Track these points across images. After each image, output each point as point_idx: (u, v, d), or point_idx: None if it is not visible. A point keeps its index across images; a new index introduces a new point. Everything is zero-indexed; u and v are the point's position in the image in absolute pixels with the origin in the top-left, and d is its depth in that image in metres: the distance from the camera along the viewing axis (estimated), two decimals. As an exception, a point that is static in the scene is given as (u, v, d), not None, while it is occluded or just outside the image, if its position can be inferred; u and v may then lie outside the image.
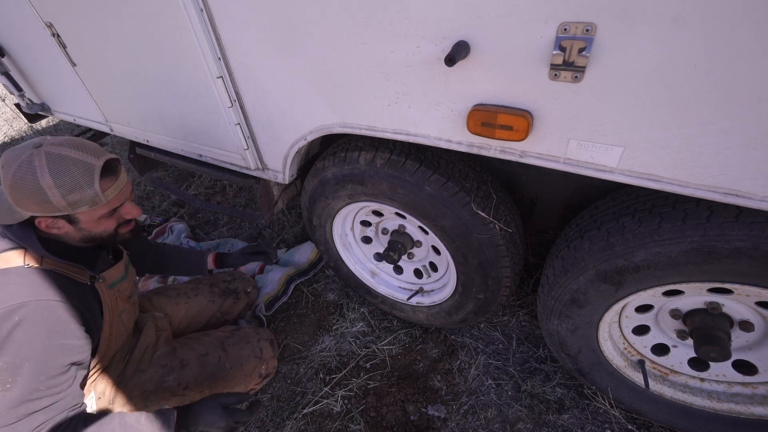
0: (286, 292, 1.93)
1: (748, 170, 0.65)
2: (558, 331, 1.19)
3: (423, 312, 1.58)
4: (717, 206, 0.80)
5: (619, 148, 0.73)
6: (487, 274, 1.23)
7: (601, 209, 1.03)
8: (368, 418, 1.47)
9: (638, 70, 0.64)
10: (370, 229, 1.56)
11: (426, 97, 0.86)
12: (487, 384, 1.50)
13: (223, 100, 1.19)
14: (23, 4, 1.52)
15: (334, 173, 1.28)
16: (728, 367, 1.10)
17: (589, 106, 0.71)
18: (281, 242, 2.29)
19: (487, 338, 1.64)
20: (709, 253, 0.80)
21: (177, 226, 2.43)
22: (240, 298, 1.75)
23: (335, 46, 0.90)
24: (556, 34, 0.65)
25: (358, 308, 1.83)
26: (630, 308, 1.10)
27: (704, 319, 1.00)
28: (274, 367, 1.56)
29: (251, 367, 1.46)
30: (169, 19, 1.09)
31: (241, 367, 1.44)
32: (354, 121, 1.02)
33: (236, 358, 1.45)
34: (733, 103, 0.60)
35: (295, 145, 1.21)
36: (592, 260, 0.97)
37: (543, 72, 0.71)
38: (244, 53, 1.07)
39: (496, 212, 1.15)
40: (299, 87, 1.05)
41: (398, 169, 1.14)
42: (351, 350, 1.69)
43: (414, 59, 0.82)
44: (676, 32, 0.58)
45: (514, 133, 0.79)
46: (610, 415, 1.35)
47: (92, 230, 1.08)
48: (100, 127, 1.95)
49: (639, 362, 1.21)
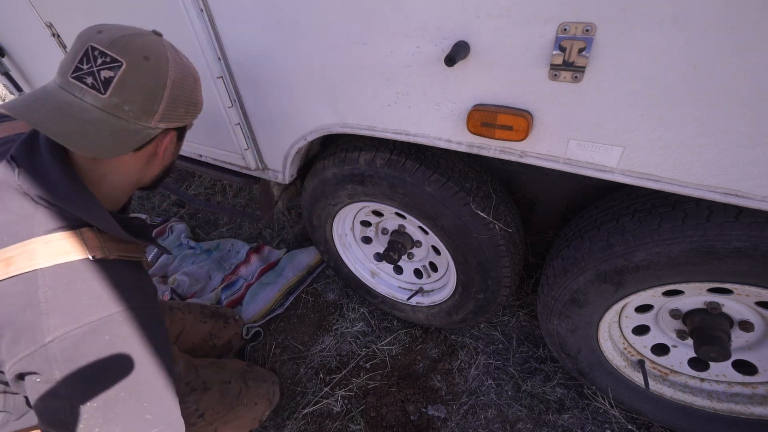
0: (283, 305, 1.89)
1: (748, 170, 0.65)
2: (558, 331, 1.19)
3: (423, 312, 1.58)
4: (717, 206, 0.80)
5: (618, 148, 0.73)
6: (487, 274, 1.23)
7: (601, 209, 1.03)
8: (368, 418, 1.47)
9: (638, 70, 0.64)
10: (370, 229, 1.56)
11: (426, 97, 0.87)
12: (487, 384, 1.50)
13: (224, 100, 1.19)
14: (23, 4, 1.52)
15: (334, 173, 1.28)
16: (728, 367, 1.10)
17: (589, 106, 0.71)
18: (281, 242, 2.29)
19: (487, 338, 1.64)
20: (709, 253, 0.80)
21: (177, 226, 2.43)
22: (229, 323, 1.66)
23: (335, 47, 0.90)
24: (556, 34, 0.65)
25: (358, 308, 1.83)
26: (630, 308, 1.10)
27: (704, 319, 1.01)
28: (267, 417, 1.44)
29: (260, 410, 1.35)
30: (169, 19, 1.09)
31: (254, 407, 1.32)
32: (354, 121, 1.02)
33: (254, 395, 1.33)
34: (733, 103, 0.60)
35: (295, 145, 1.21)
36: (592, 260, 0.97)
37: (543, 72, 0.71)
38: (244, 53, 1.07)
39: (495, 212, 1.15)
40: (299, 87, 1.05)
41: (398, 169, 1.14)
42: (351, 350, 1.69)
43: (414, 59, 0.82)
44: (676, 32, 0.58)
45: (514, 133, 0.79)
46: (610, 415, 1.35)
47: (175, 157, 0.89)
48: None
49: (639, 362, 1.21)
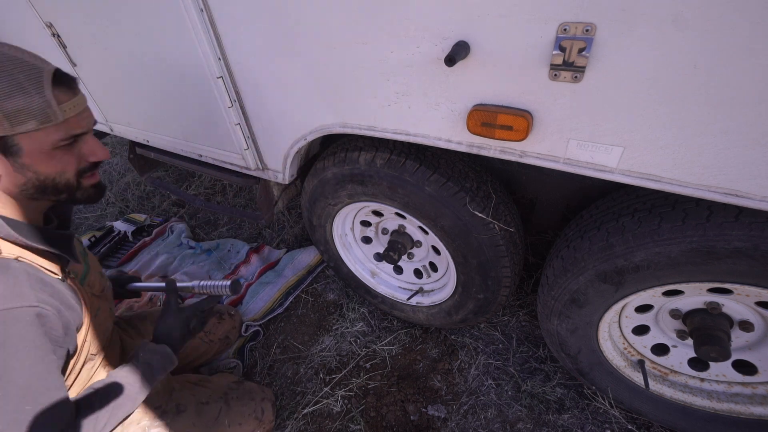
0: (282, 305, 1.90)
1: (748, 170, 0.65)
2: (558, 331, 1.19)
3: (423, 312, 1.58)
4: (717, 206, 0.80)
5: (618, 148, 0.73)
6: (487, 274, 1.23)
7: (601, 209, 1.03)
8: (368, 418, 1.47)
9: (638, 70, 0.64)
10: (370, 229, 1.56)
11: (426, 97, 0.87)
12: (487, 384, 1.50)
13: (224, 100, 1.19)
14: (23, 4, 1.52)
15: (334, 173, 1.28)
16: (728, 367, 1.10)
17: (589, 106, 0.71)
18: (281, 242, 2.29)
19: (487, 338, 1.64)
20: (709, 253, 0.80)
21: (177, 226, 2.43)
22: (224, 318, 1.64)
23: (335, 46, 0.90)
24: (556, 34, 0.65)
25: (358, 308, 1.83)
26: (630, 308, 1.10)
27: (704, 319, 1.01)
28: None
29: (248, 429, 1.29)
30: (169, 20, 1.09)
31: (239, 427, 1.26)
32: (354, 121, 1.02)
33: (237, 415, 1.27)
34: (733, 103, 0.60)
35: (295, 145, 1.21)
36: (592, 260, 0.97)
37: (543, 72, 0.71)
38: (244, 53, 1.07)
39: (495, 212, 1.15)
40: (299, 87, 1.05)
41: (398, 169, 1.14)
42: (351, 350, 1.69)
43: (414, 59, 0.82)
44: (676, 32, 0.58)
45: (514, 133, 0.79)
46: (610, 415, 1.35)
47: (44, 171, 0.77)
48: (100, 127, 1.95)
49: (639, 362, 1.21)
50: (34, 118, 0.70)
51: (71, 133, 0.77)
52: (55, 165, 0.78)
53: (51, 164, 0.77)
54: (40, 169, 0.76)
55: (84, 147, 0.83)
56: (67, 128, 0.76)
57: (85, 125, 0.81)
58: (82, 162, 0.84)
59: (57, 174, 0.79)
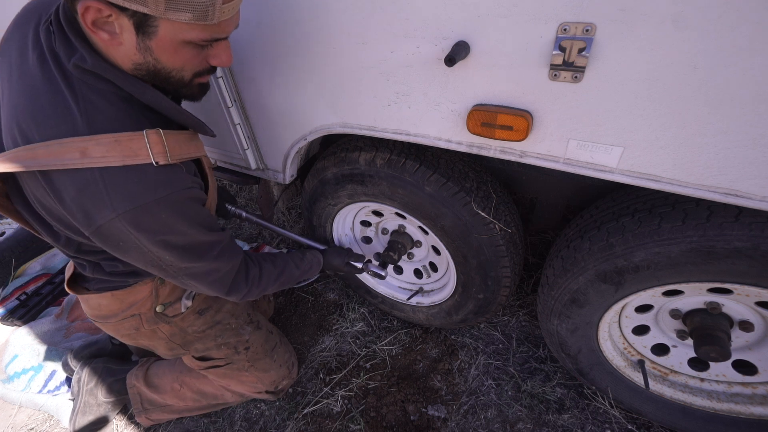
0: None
1: (748, 170, 0.65)
2: (558, 331, 1.19)
3: (423, 312, 1.58)
4: (716, 206, 0.80)
5: (618, 148, 0.73)
6: (487, 274, 1.23)
7: (601, 209, 1.03)
8: (368, 418, 1.47)
9: (638, 71, 0.64)
10: (370, 229, 1.56)
11: (426, 97, 0.87)
12: (487, 384, 1.50)
13: (224, 99, 1.19)
14: (24, 5, 1.52)
15: (334, 173, 1.28)
16: (728, 367, 1.10)
17: (589, 107, 0.71)
18: (281, 242, 2.29)
19: (487, 338, 1.64)
20: (709, 253, 0.80)
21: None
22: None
23: (335, 46, 0.90)
24: (556, 34, 0.66)
25: (358, 308, 1.83)
26: (630, 308, 1.10)
27: (704, 319, 1.01)
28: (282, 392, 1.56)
29: (280, 375, 1.48)
30: (169, 20, 1.09)
31: (279, 369, 1.46)
32: (354, 121, 1.02)
33: (281, 356, 1.49)
34: (733, 103, 0.60)
35: (295, 145, 1.21)
36: (592, 260, 0.97)
37: (543, 72, 0.71)
38: (244, 53, 1.07)
39: (495, 212, 1.15)
40: (299, 87, 1.05)
41: (398, 169, 1.14)
42: (351, 350, 1.69)
43: (414, 59, 0.82)
44: (676, 32, 0.58)
45: (514, 133, 0.79)
46: (610, 415, 1.35)
47: (165, 61, 0.72)
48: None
49: (639, 362, 1.21)
50: (192, 11, 0.63)
51: (214, 37, 0.71)
52: (178, 60, 0.73)
53: (175, 58, 0.72)
54: (161, 58, 0.71)
55: (215, 50, 0.77)
56: (213, 31, 0.69)
57: (230, 30, 0.74)
58: (204, 63, 0.78)
59: (176, 69, 0.75)
